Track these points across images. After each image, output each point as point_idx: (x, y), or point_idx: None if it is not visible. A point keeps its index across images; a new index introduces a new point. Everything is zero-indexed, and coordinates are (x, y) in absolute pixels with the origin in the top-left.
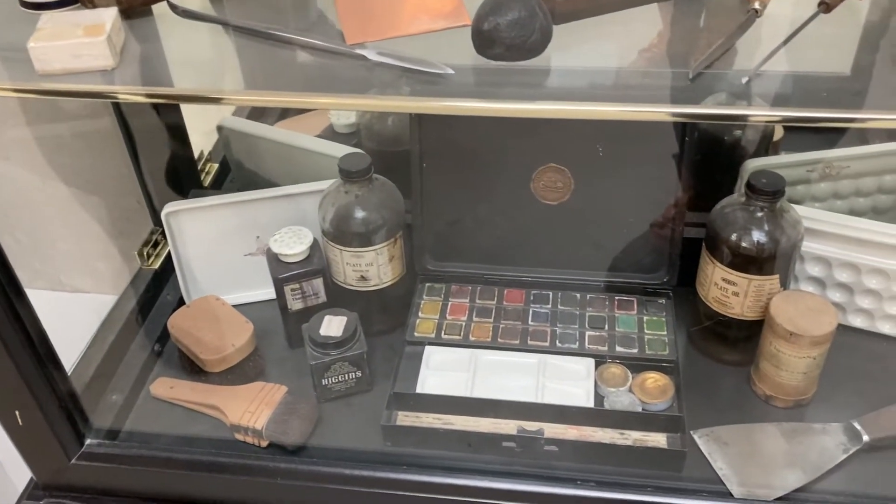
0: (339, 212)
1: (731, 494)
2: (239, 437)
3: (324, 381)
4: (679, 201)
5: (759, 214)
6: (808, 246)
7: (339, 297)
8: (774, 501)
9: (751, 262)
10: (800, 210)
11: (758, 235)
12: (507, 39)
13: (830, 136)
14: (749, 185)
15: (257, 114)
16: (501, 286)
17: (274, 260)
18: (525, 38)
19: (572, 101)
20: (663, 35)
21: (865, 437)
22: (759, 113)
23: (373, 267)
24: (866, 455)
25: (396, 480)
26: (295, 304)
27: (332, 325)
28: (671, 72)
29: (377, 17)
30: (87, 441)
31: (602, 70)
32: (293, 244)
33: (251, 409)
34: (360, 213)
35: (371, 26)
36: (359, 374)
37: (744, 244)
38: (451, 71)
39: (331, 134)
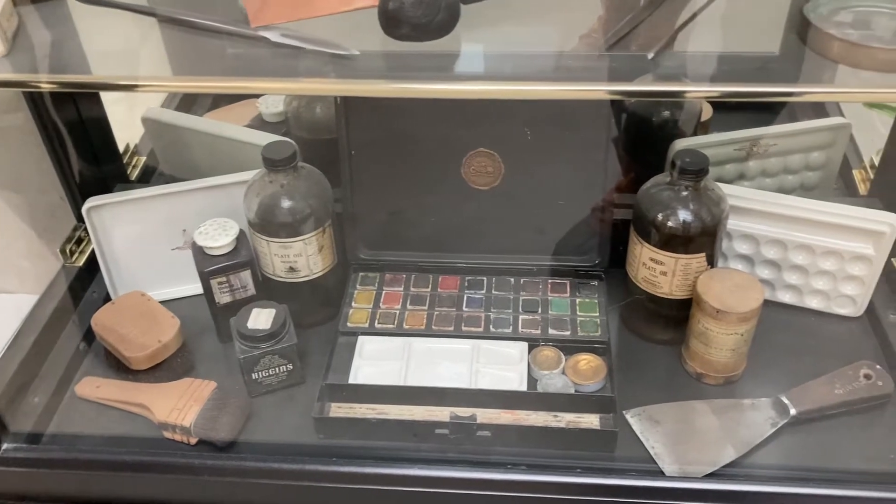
0: (264, 202)
1: (663, 473)
2: (167, 435)
3: (254, 376)
4: (608, 183)
5: (684, 194)
6: (735, 224)
7: (269, 290)
8: (704, 478)
9: (677, 241)
10: (725, 188)
11: (683, 214)
12: (412, 19)
13: (758, 115)
14: (673, 165)
15: (187, 105)
16: (436, 273)
17: (199, 253)
18: (431, 17)
19: (497, 81)
20: (576, 13)
21: (793, 411)
22: (697, 89)
23: (301, 258)
24: (794, 428)
25: (327, 473)
26: (223, 298)
27: (261, 318)
28: (586, 53)
29: None
30: (4, 446)
31: (518, 51)
32: (218, 236)
33: (179, 406)
34: (286, 203)
35: (277, 9)
36: (290, 366)
37: (669, 223)
38: (356, 52)
39: (260, 123)
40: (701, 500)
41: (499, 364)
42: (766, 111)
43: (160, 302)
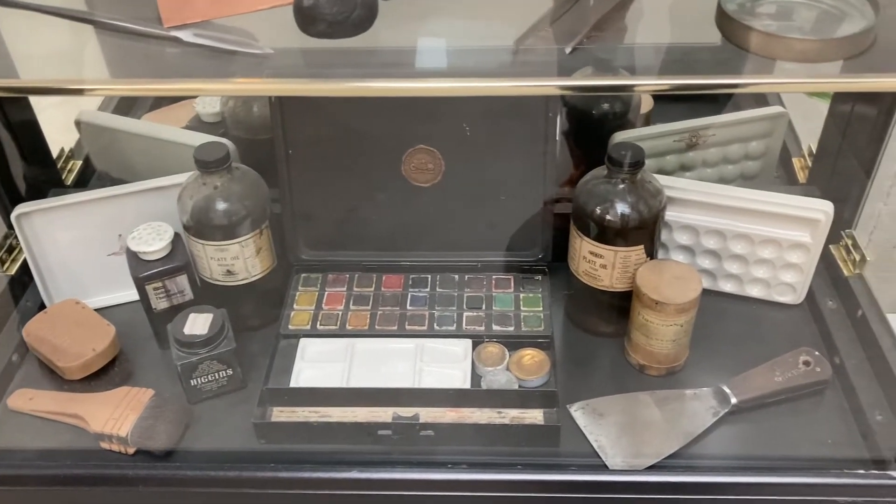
0: (198, 205)
1: (607, 466)
2: (104, 445)
3: (193, 382)
4: (549, 177)
5: (621, 186)
6: (675, 215)
7: (208, 294)
8: (647, 470)
9: (615, 234)
10: (664, 180)
11: (620, 207)
12: (328, 16)
13: (698, 105)
14: (609, 158)
15: (127, 107)
16: (380, 272)
17: (133, 258)
18: (347, 14)
19: (433, 77)
20: (499, 8)
21: (734, 400)
22: (646, 83)
23: (239, 260)
24: (735, 417)
25: (267, 479)
26: (160, 304)
27: (198, 323)
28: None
29: None
30: None
31: (443, 46)
32: (152, 241)
33: (115, 416)
34: (220, 205)
35: (191, 8)
36: (230, 371)
37: (607, 217)
38: (270, 51)
39: (198, 124)
40: (643, 493)
41: (443, 362)
42: (706, 102)
43: (99, 309)
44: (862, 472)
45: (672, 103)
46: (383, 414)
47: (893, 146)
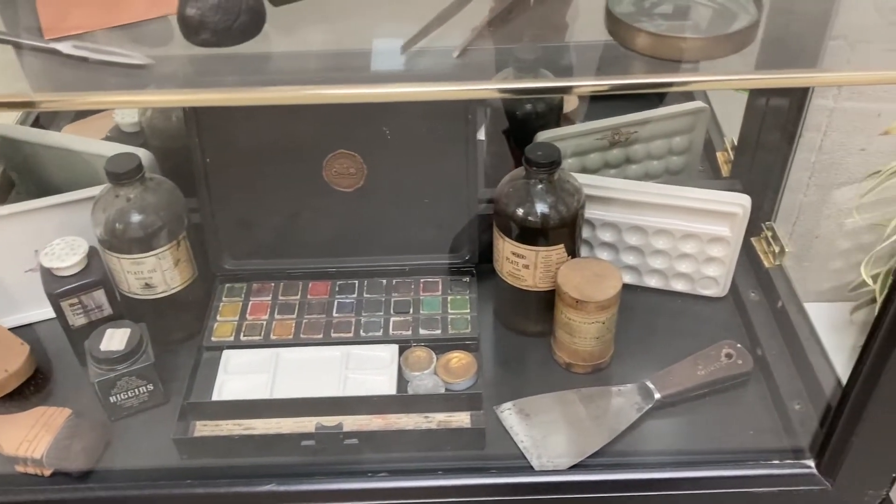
0: (111, 218)
1: (532, 467)
2: (20, 468)
3: (112, 399)
4: (473, 179)
5: (539, 187)
6: (597, 213)
7: (128, 308)
8: (571, 469)
9: (535, 234)
10: (583, 178)
11: (539, 207)
12: (211, 24)
13: (625, 103)
14: (526, 159)
15: (48, 120)
16: (307, 280)
17: (47, 275)
18: (231, 22)
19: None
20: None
21: (657, 395)
22: (580, 84)
23: (157, 273)
24: (659, 412)
25: (184, 496)
26: (77, 320)
27: (115, 339)
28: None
29: (78, 9)
30: None
31: (342, 50)
32: (66, 256)
33: (30, 438)
34: (135, 218)
35: (74, 19)
36: (150, 387)
37: (527, 217)
38: (150, 62)
39: (118, 135)
40: (567, 493)
41: (369, 369)
42: (631, 99)
43: (20, 327)
44: (777, 462)
45: (595, 101)
46: (308, 424)
47: (810, 137)
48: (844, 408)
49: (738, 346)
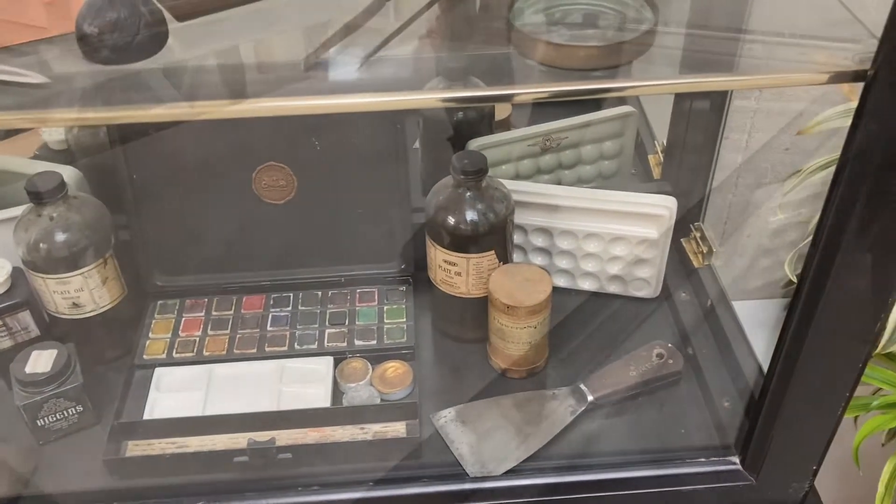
0: (34, 238)
1: (468, 474)
2: None
3: (39, 422)
4: (405, 189)
5: (468, 194)
6: (529, 218)
7: (56, 329)
8: (505, 475)
9: (466, 242)
10: (513, 185)
11: (469, 215)
12: (109, 42)
13: (556, 109)
14: (453, 167)
15: None
16: (241, 294)
17: None
18: (130, 39)
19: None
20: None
21: (590, 397)
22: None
23: (84, 292)
24: (593, 414)
25: None
26: (3, 343)
27: (41, 361)
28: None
29: None
30: None
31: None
32: None
33: None
34: (59, 237)
35: None
36: (80, 408)
37: (457, 225)
38: (45, 80)
39: (47, 152)
40: (500, 498)
41: (303, 382)
42: (566, 105)
43: None
44: (703, 459)
45: (529, 108)
46: (241, 440)
47: (735, 138)
48: (764, 403)
49: (670, 346)
